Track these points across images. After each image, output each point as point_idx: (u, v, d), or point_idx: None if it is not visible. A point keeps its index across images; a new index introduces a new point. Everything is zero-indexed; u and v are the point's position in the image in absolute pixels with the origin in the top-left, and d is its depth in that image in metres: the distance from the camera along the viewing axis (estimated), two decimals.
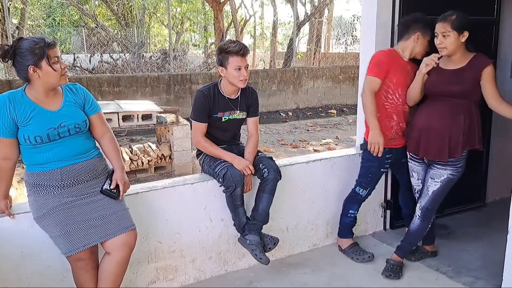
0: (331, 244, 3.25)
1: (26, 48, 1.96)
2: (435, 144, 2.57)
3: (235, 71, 2.57)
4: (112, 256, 2.10)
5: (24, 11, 11.47)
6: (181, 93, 9.41)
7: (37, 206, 2.08)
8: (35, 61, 1.96)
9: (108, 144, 2.25)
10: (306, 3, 14.87)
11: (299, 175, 3.03)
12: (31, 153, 2.06)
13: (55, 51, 2.02)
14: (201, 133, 2.67)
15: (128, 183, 2.25)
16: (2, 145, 2.03)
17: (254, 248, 2.60)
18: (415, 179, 2.83)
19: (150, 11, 14.96)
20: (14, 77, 8.50)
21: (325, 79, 11.10)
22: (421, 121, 2.64)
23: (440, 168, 2.62)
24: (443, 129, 2.54)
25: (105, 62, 10.39)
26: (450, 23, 2.45)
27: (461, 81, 2.50)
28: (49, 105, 2.07)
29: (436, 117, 2.57)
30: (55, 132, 2.03)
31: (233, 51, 2.55)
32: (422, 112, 2.69)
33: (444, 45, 2.49)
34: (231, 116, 2.72)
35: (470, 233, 3.41)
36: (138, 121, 5.35)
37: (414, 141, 2.68)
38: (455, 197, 3.67)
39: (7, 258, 2.20)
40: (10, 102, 1.99)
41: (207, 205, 2.73)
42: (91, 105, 2.21)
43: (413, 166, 2.81)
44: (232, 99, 2.71)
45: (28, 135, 2.00)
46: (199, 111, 2.65)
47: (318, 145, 7.16)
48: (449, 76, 2.55)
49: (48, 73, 2.00)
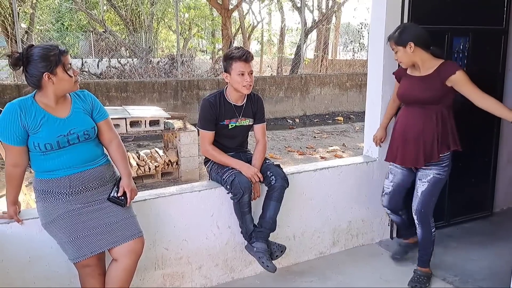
0: (337, 253, 3.24)
1: (40, 55, 1.97)
2: (410, 151, 2.66)
3: (238, 77, 2.58)
4: (119, 263, 2.11)
5: (33, 16, 11.60)
6: (188, 99, 9.45)
7: (46, 213, 2.09)
8: (51, 68, 1.98)
9: (115, 150, 2.25)
10: (314, 10, 14.91)
11: (306, 183, 3.03)
12: (40, 160, 2.07)
13: (68, 58, 2.05)
14: (209, 142, 2.69)
15: (136, 190, 2.25)
16: (12, 152, 2.04)
17: (261, 256, 2.60)
18: (388, 180, 2.90)
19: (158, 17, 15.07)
20: (23, 82, 8.59)
21: (332, 86, 11.10)
22: (396, 130, 2.74)
23: (425, 169, 2.69)
24: (416, 136, 2.62)
25: (112, 67, 10.46)
26: (393, 40, 2.61)
27: (430, 88, 2.58)
28: (59, 112, 2.08)
29: (409, 124, 2.66)
30: (64, 139, 2.05)
31: (236, 56, 2.58)
32: (397, 121, 2.78)
33: (399, 60, 2.64)
34: (238, 123, 2.73)
35: (477, 243, 3.39)
36: (146, 127, 5.38)
37: (390, 150, 2.78)
38: (462, 206, 3.68)
39: (15, 263, 2.22)
40: (21, 110, 1.99)
41: (214, 213, 2.73)
42: (99, 112, 2.22)
43: (392, 168, 2.87)
44: (238, 106, 2.72)
45: (38, 143, 2.02)
46: (205, 119, 2.66)
47: (325, 152, 7.15)
48: (418, 83, 2.63)
49: (63, 79, 2.02)
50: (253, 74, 2.63)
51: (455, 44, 3.40)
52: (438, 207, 3.54)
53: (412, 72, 2.71)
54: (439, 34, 3.32)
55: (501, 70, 3.65)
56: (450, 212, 3.64)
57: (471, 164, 3.65)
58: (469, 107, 3.48)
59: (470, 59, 3.45)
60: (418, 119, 2.63)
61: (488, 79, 3.60)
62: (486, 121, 3.65)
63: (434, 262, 3.07)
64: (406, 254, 3.13)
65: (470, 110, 3.49)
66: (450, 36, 3.35)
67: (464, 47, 3.44)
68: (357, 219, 3.28)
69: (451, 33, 3.35)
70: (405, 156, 2.69)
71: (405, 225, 3.05)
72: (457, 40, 3.40)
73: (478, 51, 3.49)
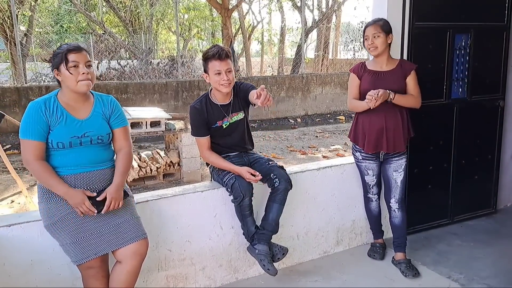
0: (341, 252, 3.22)
1: (54, 52, 2.08)
2: (393, 138, 2.82)
3: (215, 76, 2.52)
4: (123, 265, 2.10)
5: (32, 18, 11.58)
6: (189, 100, 9.43)
7: (49, 214, 2.08)
8: (57, 65, 2.05)
9: (121, 158, 2.23)
10: (314, 9, 14.89)
11: (309, 182, 3.01)
12: (48, 154, 2.08)
13: (75, 56, 2.03)
14: (206, 147, 2.65)
15: (120, 201, 2.12)
16: (40, 148, 2.05)
17: (262, 258, 2.57)
18: (370, 176, 3.01)
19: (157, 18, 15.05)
20: (22, 85, 8.59)
21: (333, 85, 11.09)
22: (374, 123, 2.82)
23: (398, 159, 2.90)
24: (396, 124, 2.81)
25: (112, 69, 10.45)
26: (379, 26, 2.76)
27: (397, 80, 2.81)
28: (78, 113, 2.11)
29: (387, 115, 2.79)
30: (77, 140, 2.07)
31: (210, 55, 2.51)
32: (368, 115, 2.82)
33: (375, 45, 2.75)
34: (231, 120, 2.68)
35: (481, 240, 3.37)
36: (147, 128, 5.36)
37: (372, 142, 2.85)
38: (465, 204, 3.66)
39: (17, 266, 2.20)
40: (46, 107, 2.05)
41: (217, 213, 2.72)
42: (117, 118, 2.22)
43: (368, 165, 2.98)
44: (225, 105, 2.65)
45: (51, 139, 2.04)
46: (196, 126, 2.63)
47: (327, 152, 7.14)
48: (387, 76, 2.81)
49: (65, 77, 2.05)
50: (231, 72, 2.54)
51: (457, 41, 3.39)
52: (441, 205, 3.56)
53: (374, 67, 2.86)
54: (440, 31, 3.31)
55: (503, 67, 3.63)
56: (454, 210, 3.62)
57: (474, 161, 3.64)
58: (473, 105, 3.50)
59: (472, 56, 3.44)
60: (391, 109, 2.78)
61: (490, 75, 3.59)
62: (489, 118, 3.65)
63: (439, 260, 3.07)
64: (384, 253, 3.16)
65: (474, 108, 3.52)
66: (452, 33, 3.34)
67: (466, 44, 3.42)
68: (361, 218, 3.26)
69: (452, 30, 3.34)
70: (389, 144, 2.82)
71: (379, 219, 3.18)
72: (459, 37, 3.39)
73: (480, 48, 3.48)
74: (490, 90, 3.62)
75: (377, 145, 2.85)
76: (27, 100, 8.28)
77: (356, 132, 2.95)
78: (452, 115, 3.46)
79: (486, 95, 3.60)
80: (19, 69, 8.82)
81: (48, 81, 9.54)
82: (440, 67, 3.35)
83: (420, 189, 3.41)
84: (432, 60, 3.31)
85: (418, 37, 3.21)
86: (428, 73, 3.21)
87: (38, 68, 10.50)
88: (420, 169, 3.37)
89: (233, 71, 2.58)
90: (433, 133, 3.41)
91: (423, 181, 3.43)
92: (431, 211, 3.53)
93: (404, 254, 2.97)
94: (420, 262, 3.03)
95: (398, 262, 2.95)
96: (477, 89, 3.52)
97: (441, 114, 3.41)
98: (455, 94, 3.45)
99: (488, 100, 3.61)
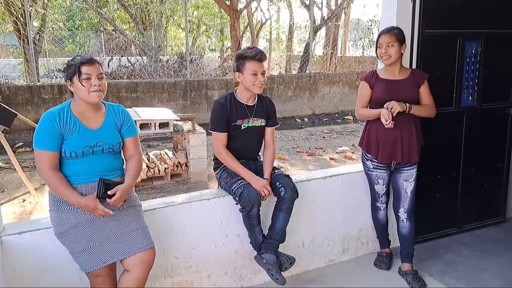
0: (347, 260, 3.22)
1: (68, 64, 2.13)
2: (408, 148, 2.81)
3: (251, 76, 2.59)
4: (131, 274, 2.13)
5: (45, 16, 11.67)
6: (197, 99, 9.47)
7: (59, 222, 2.12)
8: (70, 76, 2.09)
9: (133, 163, 2.28)
10: (323, 7, 14.80)
11: (316, 190, 3.02)
12: (61, 163, 2.12)
13: (87, 69, 2.07)
14: (222, 144, 2.68)
15: (122, 202, 2.15)
16: (54, 158, 2.08)
17: (270, 268, 2.59)
18: (380, 185, 2.99)
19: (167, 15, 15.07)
20: (35, 83, 8.68)
21: (341, 84, 11.04)
22: (388, 133, 2.78)
23: (409, 169, 2.89)
24: (410, 134, 2.80)
25: (123, 66, 10.50)
26: (394, 35, 2.74)
27: (411, 89, 2.80)
28: (90, 123, 2.15)
29: (402, 125, 2.76)
30: (90, 150, 2.12)
31: (249, 56, 2.59)
32: (381, 124, 2.75)
33: (389, 54, 2.73)
34: (251, 123, 2.71)
35: (489, 250, 3.35)
36: (155, 129, 5.39)
37: (387, 152, 2.83)
38: (474, 212, 3.64)
39: (27, 272, 2.25)
40: (60, 117, 2.08)
41: (223, 221, 2.74)
42: (128, 128, 2.27)
43: (379, 174, 2.96)
44: (250, 106, 2.71)
45: (65, 149, 2.08)
46: (216, 120, 2.67)
47: (334, 153, 7.11)
48: (400, 85, 2.80)
49: (78, 88, 2.09)
50: (265, 74, 2.63)
51: (467, 49, 3.36)
52: (449, 213, 3.54)
53: (387, 76, 2.83)
54: (450, 38, 3.29)
55: None
56: (462, 219, 3.61)
57: (483, 169, 3.62)
58: (483, 113, 3.47)
59: (482, 63, 3.42)
60: (404, 118, 2.75)
61: (500, 83, 3.56)
62: (499, 126, 3.62)
63: (447, 270, 3.06)
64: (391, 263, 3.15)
65: (483, 116, 3.49)
66: (462, 41, 3.31)
67: (476, 51, 3.39)
68: (367, 227, 3.26)
69: (462, 37, 3.31)
70: (403, 153, 2.80)
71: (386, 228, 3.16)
72: (469, 44, 3.36)
73: (491, 55, 3.45)
74: (500, 98, 3.59)
75: (391, 155, 2.83)
76: (40, 99, 8.39)
77: (369, 141, 2.92)
78: (461, 123, 3.44)
79: (496, 103, 3.57)
80: (32, 67, 8.90)
81: (60, 77, 9.63)
82: (450, 75, 3.33)
83: (428, 197, 3.39)
84: (442, 68, 3.29)
85: (428, 44, 3.19)
86: (437, 81, 3.18)
87: (51, 65, 10.60)
88: (429, 177, 3.35)
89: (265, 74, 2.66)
90: (442, 141, 3.39)
91: (432, 190, 3.41)
92: (439, 220, 3.51)
93: (411, 265, 2.95)
94: (427, 272, 3.02)
95: (404, 273, 2.94)
96: (487, 97, 3.49)
97: (450, 122, 3.39)
98: (465, 102, 3.43)
99: (498, 108, 3.58)
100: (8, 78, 9.39)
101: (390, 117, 2.65)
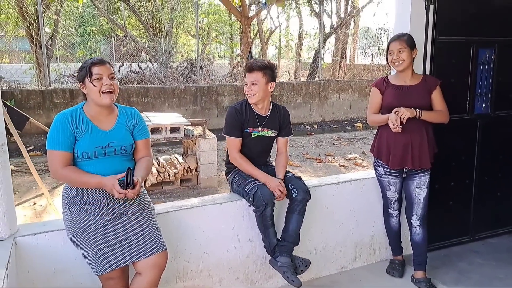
0: (359, 268, 3.19)
1: (80, 67, 2.15)
2: (419, 154, 2.79)
3: (245, 87, 2.69)
4: (143, 277, 2.12)
5: (58, 22, 11.83)
6: (207, 105, 9.51)
7: (72, 224, 2.12)
8: (82, 78, 2.12)
9: (142, 162, 2.27)
10: (332, 15, 14.84)
11: (328, 196, 3.00)
12: (73, 165, 2.13)
13: (98, 69, 2.10)
14: (237, 149, 2.71)
15: (135, 193, 2.09)
16: (67, 158, 2.10)
17: (285, 271, 2.57)
18: (392, 191, 2.98)
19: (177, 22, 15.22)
20: (46, 87, 8.77)
21: (351, 92, 11.03)
22: (399, 139, 2.77)
23: (422, 176, 2.87)
24: (421, 140, 2.78)
25: (133, 72, 10.59)
26: (404, 40, 2.75)
27: (422, 95, 2.79)
28: (103, 124, 2.17)
29: (412, 131, 2.75)
30: (102, 151, 2.12)
31: (244, 68, 2.72)
32: (389, 130, 2.75)
33: (401, 59, 2.74)
34: (261, 133, 2.74)
35: (503, 259, 3.30)
36: (166, 134, 5.42)
37: (397, 158, 2.82)
38: (487, 221, 3.60)
39: (40, 274, 2.26)
40: (72, 119, 2.10)
41: (235, 225, 2.73)
42: (140, 130, 2.29)
43: (390, 181, 2.95)
44: (262, 116, 2.74)
45: (77, 150, 2.10)
46: (231, 125, 2.70)
47: (344, 160, 7.08)
48: (412, 91, 2.79)
49: (89, 89, 2.11)
50: (256, 85, 2.63)
51: (480, 56, 3.34)
52: (462, 221, 3.50)
53: (398, 82, 2.83)
54: (464, 45, 3.27)
55: None
56: (475, 227, 3.56)
57: (497, 177, 3.58)
58: (497, 121, 3.44)
59: (496, 70, 3.40)
60: (415, 124, 2.74)
61: None
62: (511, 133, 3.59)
63: (460, 279, 3.02)
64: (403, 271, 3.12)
65: (497, 123, 3.46)
66: (475, 48, 3.30)
67: (489, 59, 3.38)
68: (379, 234, 3.23)
69: (476, 44, 3.29)
70: (414, 160, 2.79)
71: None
72: (483, 51, 3.34)
73: (504, 62, 3.42)
74: None
75: (402, 161, 2.81)
76: (51, 103, 8.48)
77: (380, 147, 2.91)
78: (475, 130, 3.41)
79: (510, 110, 3.53)
80: (44, 72, 9.00)
81: (71, 82, 9.73)
82: (463, 82, 3.31)
83: (441, 205, 3.36)
84: (455, 75, 3.27)
85: (441, 51, 3.18)
86: (451, 88, 3.16)
87: (62, 70, 10.73)
88: (442, 185, 3.32)
89: (261, 84, 2.63)
90: (455, 148, 3.37)
91: (445, 197, 3.38)
92: (452, 228, 3.48)
93: (424, 272, 2.92)
94: (440, 280, 2.98)
95: (417, 280, 2.91)
96: (501, 104, 3.47)
97: (464, 129, 3.36)
98: (479, 109, 3.40)
99: (511, 116, 3.54)
100: (20, 83, 9.50)
101: (398, 122, 2.64)
